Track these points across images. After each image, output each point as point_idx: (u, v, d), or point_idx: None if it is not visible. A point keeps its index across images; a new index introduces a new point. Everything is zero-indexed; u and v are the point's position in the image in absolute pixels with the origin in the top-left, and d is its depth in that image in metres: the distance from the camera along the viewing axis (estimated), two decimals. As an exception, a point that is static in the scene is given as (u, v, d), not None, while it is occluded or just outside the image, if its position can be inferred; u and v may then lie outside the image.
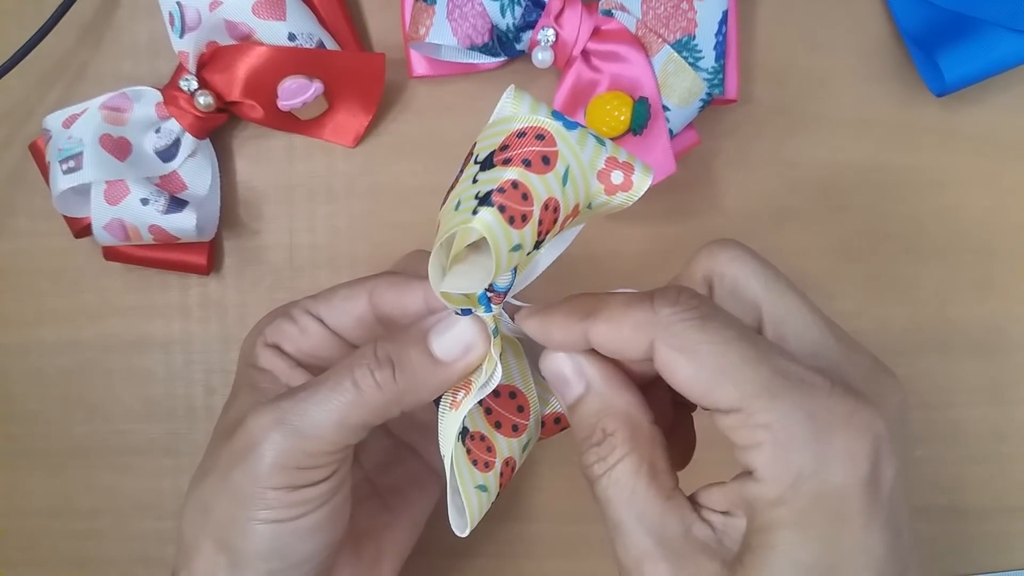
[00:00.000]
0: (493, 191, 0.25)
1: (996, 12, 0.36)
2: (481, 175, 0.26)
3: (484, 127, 0.27)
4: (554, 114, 0.27)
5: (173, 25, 0.36)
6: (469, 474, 0.29)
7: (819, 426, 0.24)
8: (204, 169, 0.38)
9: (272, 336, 0.33)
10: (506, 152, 0.26)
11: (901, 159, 0.40)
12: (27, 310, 0.41)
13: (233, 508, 0.29)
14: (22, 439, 0.42)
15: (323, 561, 0.31)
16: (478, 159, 0.26)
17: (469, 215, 0.25)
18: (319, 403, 0.29)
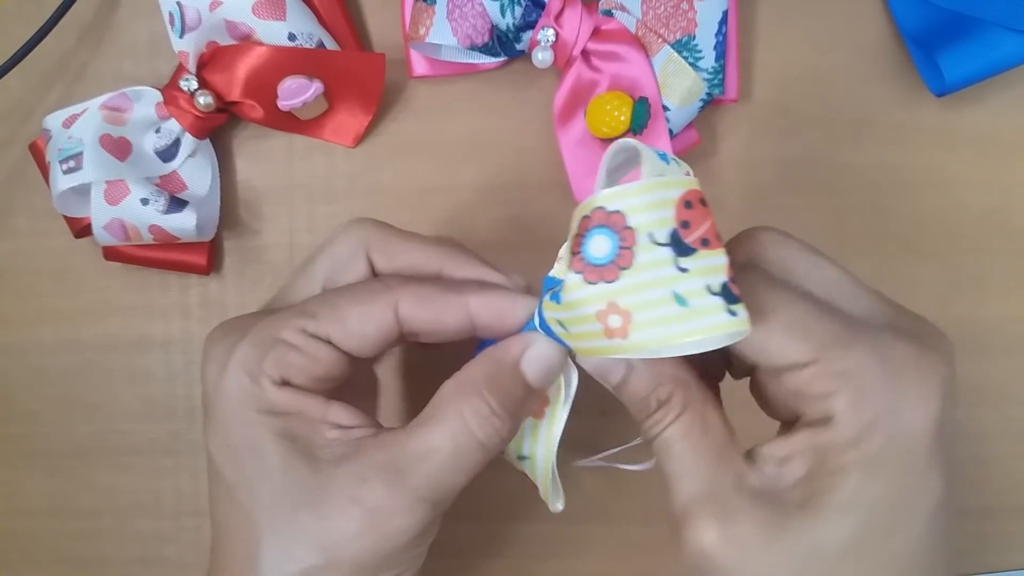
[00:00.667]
0: (727, 283, 0.24)
1: (996, 12, 0.36)
2: (687, 261, 0.23)
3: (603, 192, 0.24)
4: (661, 155, 0.25)
5: (173, 25, 0.36)
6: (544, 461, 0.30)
7: (893, 370, 0.26)
8: (204, 169, 0.38)
9: (277, 372, 0.28)
10: (693, 230, 0.24)
11: (901, 159, 0.40)
12: (27, 310, 0.41)
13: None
14: (22, 439, 0.42)
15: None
16: (657, 239, 0.23)
17: (723, 313, 0.23)
18: (449, 470, 0.27)
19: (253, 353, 0.28)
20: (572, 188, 0.38)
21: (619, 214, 0.23)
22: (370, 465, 0.27)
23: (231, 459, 0.28)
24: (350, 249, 0.31)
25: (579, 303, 0.25)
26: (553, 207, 0.40)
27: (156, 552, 0.42)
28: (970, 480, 0.41)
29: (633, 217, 0.23)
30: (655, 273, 0.23)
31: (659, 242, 0.23)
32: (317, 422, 0.28)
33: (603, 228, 0.24)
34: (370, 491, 0.27)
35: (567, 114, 0.37)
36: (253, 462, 0.28)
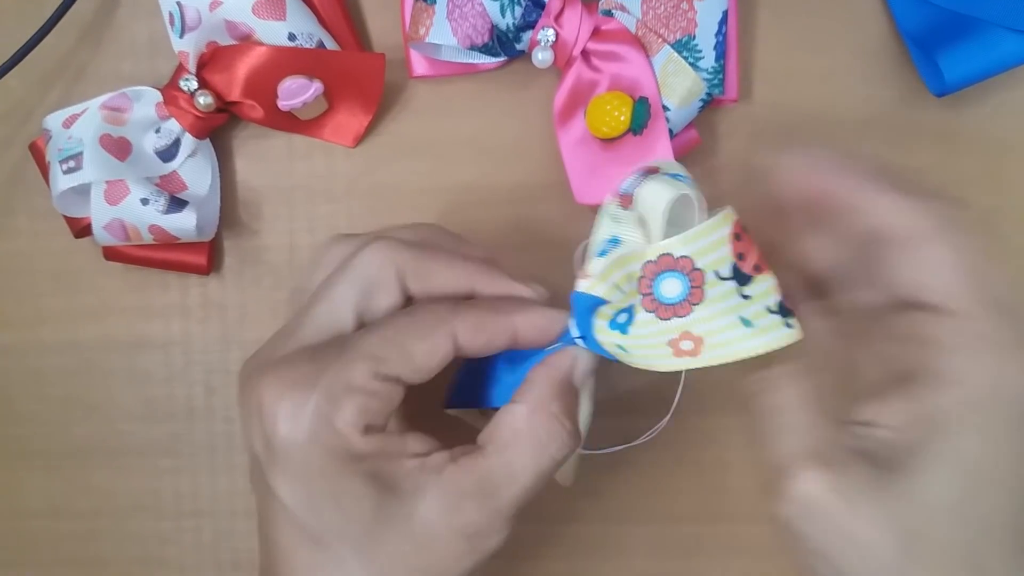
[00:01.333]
0: (782, 301, 0.27)
1: (996, 12, 0.36)
2: (748, 289, 0.27)
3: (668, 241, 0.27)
4: (680, 176, 0.28)
5: (173, 25, 0.36)
6: None
7: (1009, 340, 0.27)
8: (204, 169, 0.38)
9: (361, 421, 0.28)
10: (748, 260, 0.27)
11: (901, 159, 0.40)
12: (27, 310, 0.41)
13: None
14: (21, 439, 0.42)
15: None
16: (721, 274, 0.27)
17: (782, 328, 0.27)
18: (532, 490, 0.29)
19: (332, 407, 0.28)
20: (572, 188, 0.38)
21: (687, 258, 0.27)
22: (459, 493, 0.28)
23: (315, 509, 0.28)
24: (380, 274, 0.30)
25: (651, 335, 0.28)
26: (553, 207, 0.40)
27: (155, 553, 0.42)
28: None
29: (700, 260, 0.27)
30: (723, 304, 0.27)
31: (723, 277, 0.27)
32: (397, 456, 0.29)
33: (673, 272, 0.27)
34: (465, 517, 0.28)
35: (567, 114, 0.37)
36: (342, 509, 0.28)
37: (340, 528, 0.28)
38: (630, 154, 0.37)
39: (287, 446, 0.28)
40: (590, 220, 0.39)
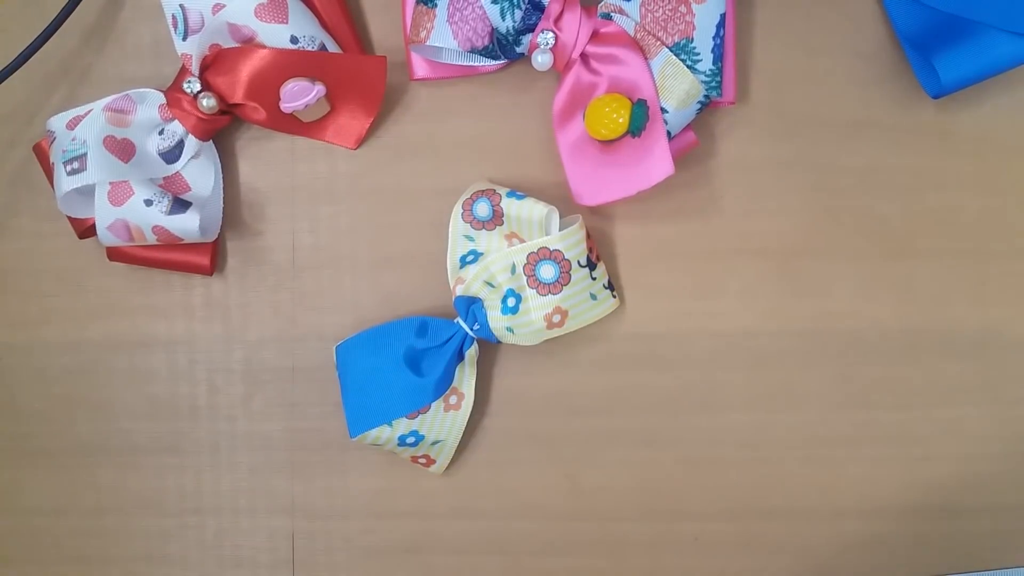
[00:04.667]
0: (608, 279, 0.39)
1: (991, 15, 0.36)
2: (594, 272, 0.38)
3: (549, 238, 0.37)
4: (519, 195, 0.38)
5: (176, 28, 0.36)
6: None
7: None
8: (207, 170, 0.39)
9: None
10: (593, 252, 0.38)
11: (897, 160, 0.40)
12: (31, 310, 0.41)
13: None
14: (26, 438, 0.42)
15: None
16: (580, 263, 0.37)
17: (611, 299, 0.39)
18: None
19: None
20: (571, 189, 0.38)
21: (558, 251, 0.37)
22: None
23: None
24: None
25: (534, 310, 0.37)
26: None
27: (159, 550, 0.42)
28: (970, 480, 0.41)
29: (568, 252, 0.37)
30: (582, 284, 0.37)
31: (582, 265, 0.37)
32: None
33: (549, 260, 0.37)
34: None
35: (566, 116, 0.38)
36: None
37: None
38: (628, 156, 0.37)
39: None
40: (589, 221, 0.40)
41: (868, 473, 0.41)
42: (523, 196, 0.37)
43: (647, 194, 0.37)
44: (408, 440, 0.38)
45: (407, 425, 0.38)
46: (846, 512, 0.41)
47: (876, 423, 0.40)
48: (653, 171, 0.36)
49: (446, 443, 0.39)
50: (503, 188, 0.38)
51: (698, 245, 0.40)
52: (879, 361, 0.40)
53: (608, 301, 0.38)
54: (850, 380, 0.40)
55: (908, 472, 0.41)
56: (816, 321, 0.40)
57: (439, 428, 0.39)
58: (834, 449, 0.40)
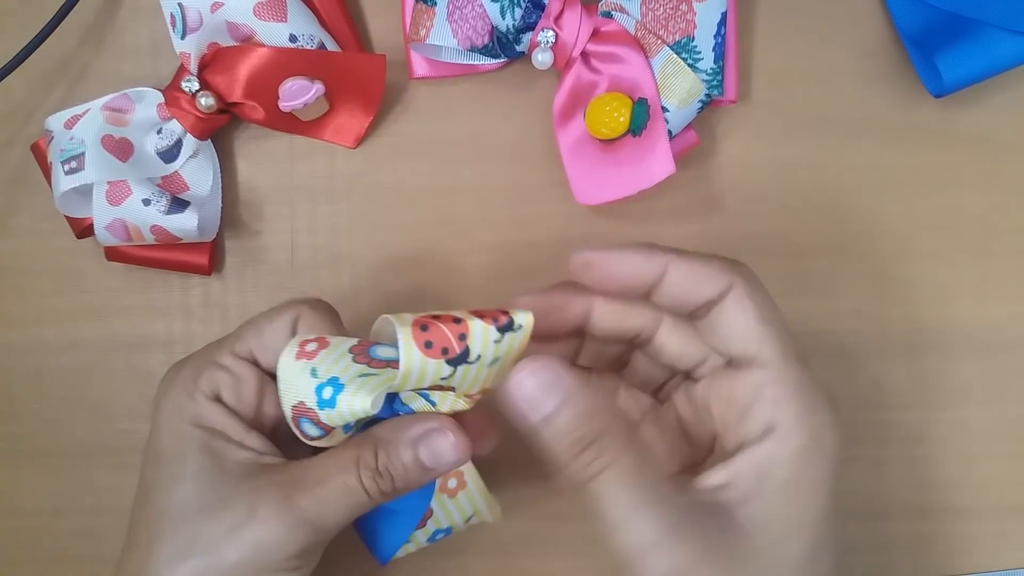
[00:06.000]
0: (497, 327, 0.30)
1: (994, 13, 0.36)
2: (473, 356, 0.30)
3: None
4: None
5: (174, 26, 0.36)
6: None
7: (818, 397, 0.29)
8: (206, 170, 0.39)
9: (210, 388, 0.33)
10: (440, 344, 0.29)
11: (899, 159, 0.40)
12: (29, 310, 0.41)
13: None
14: (24, 438, 0.42)
15: None
16: (444, 375, 0.29)
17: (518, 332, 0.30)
18: (333, 500, 0.30)
19: (191, 374, 0.33)
20: (572, 188, 0.38)
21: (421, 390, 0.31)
22: (268, 483, 0.30)
23: (155, 462, 0.32)
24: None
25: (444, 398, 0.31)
26: (553, 207, 0.40)
27: (157, 551, 0.42)
28: (970, 480, 0.41)
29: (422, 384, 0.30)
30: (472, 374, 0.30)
31: (445, 376, 0.29)
32: (235, 442, 0.32)
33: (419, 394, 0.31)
34: (263, 503, 0.30)
35: (566, 115, 0.38)
36: (173, 467, 0.31)
37: (166, 487, 0.31)
38: (629, 155, 0.37)
39: (155, 408, 0.33)
40: (589, 220, 0.40)
41: (868, 473, 0.40)
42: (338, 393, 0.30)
43: (648, 193, 0.37)
44: (438, 536, 0.35)
45: (425, 532, 0.35)
46: (846, 512, 0.41)
47: (876, 423, 0.40)
48: (654, 170, 0.36)
49: (478, 512, 0.35)
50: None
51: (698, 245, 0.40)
52: (879, 361, 0.40)
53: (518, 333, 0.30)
54: (850, 380, 0.40)
55: (908, 472, 0.41)
56: (816, 321, 0.40)
57: (459, 512, 0.35)
58: (835, 449, 0.40)
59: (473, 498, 0.34)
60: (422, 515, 0.34)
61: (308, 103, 0.37)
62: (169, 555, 0.30)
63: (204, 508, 0.30)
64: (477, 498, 0.34)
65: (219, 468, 0.31)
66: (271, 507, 0.30)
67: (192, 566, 0.30)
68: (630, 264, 0.30)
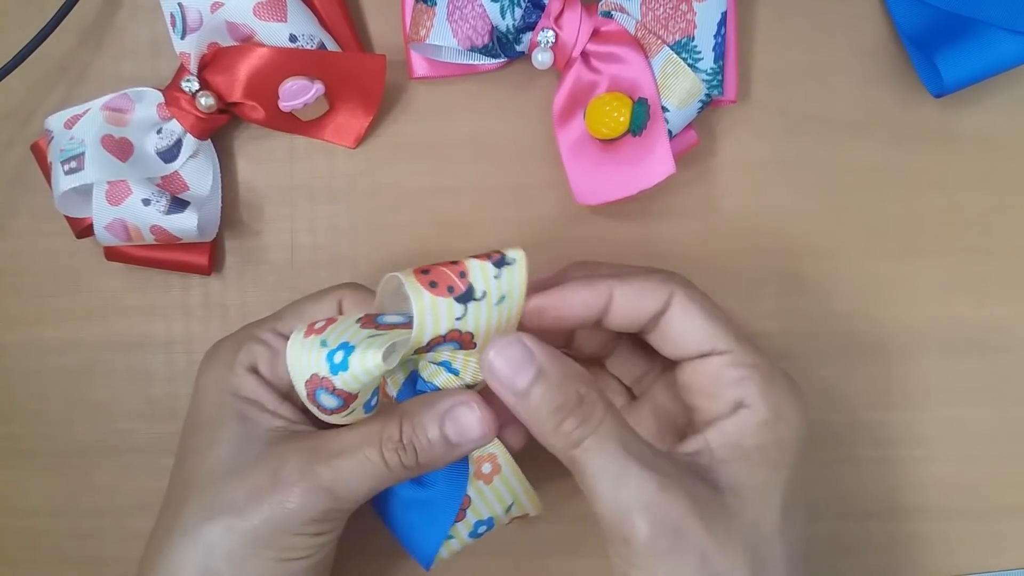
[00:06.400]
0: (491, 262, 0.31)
1: (994, 13, 0.36)
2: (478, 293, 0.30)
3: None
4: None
5: (174, 26, 0.36)
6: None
7: (776, 371, 0.32)
8: (205, 170, 0.39)
9: (247, 360, 0.34)
10: (445, 282, 0.30)
11: (899, 159, 0.40)
12: (29, 310, 0.41)
13: (250, 548, 0.31)
14: (23, 439, 0.42)
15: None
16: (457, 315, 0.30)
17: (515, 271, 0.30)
18: (353, 471, 0.31)
19: (232, 347, 0.34)
20: (572, 188, 0.38)
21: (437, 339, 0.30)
22: (292, 448, 0.31)
23: (194, 430, 0.34)
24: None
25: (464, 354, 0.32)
26: (553, 207, 0.40)
27: (157, 551, 0.42)
28: (969, 480, 0.41)
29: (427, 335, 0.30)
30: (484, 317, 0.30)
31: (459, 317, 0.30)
32: (269, 411, 0.33)
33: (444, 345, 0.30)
34: (285, 468, 0.31)
35: (566, 115, 0.38)
36: (209, 434, 0.33)
37: (200, 451, 0.33)
38: (629, 155, 0.37)
39: (197, 379, 0.34)
40: (589, 220, 0.40)
41: (868, 473, 0.40)
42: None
43: (648, 193, 0.37)
44: (481, 530, 0.35)
45: (466, 524, 0.34)
46: (846, 513, 0.41)
47: (876, 423, 0.40)
48: (654, 170, 0.36)
49: (518, 501, 0.35)
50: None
51: (698, 245, 0.40)
52: (879, 361, 0.40)
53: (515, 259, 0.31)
54: (850, 380, 0.40)
55: (908, 472, 0.41)
56: (817, 321, 0.40)
57: (498, 500, 0.34)
58: (834, 449, 0.40)
59: (511, 484, 0.34)
60: (459, 504, 0.33)
61: (308, 103, 0.37)
62: (195, 514, 0.31)
63: (232, 471, 0.31)
64: (515, 484, 0.34)
65: (251, 435, 0.32)
66: (292, 472, 0.30)
67: (217, 524, 0.31)
68: (580, 299, 0.31)
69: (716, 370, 0.31)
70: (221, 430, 0.33)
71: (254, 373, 0.34)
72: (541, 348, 0.29)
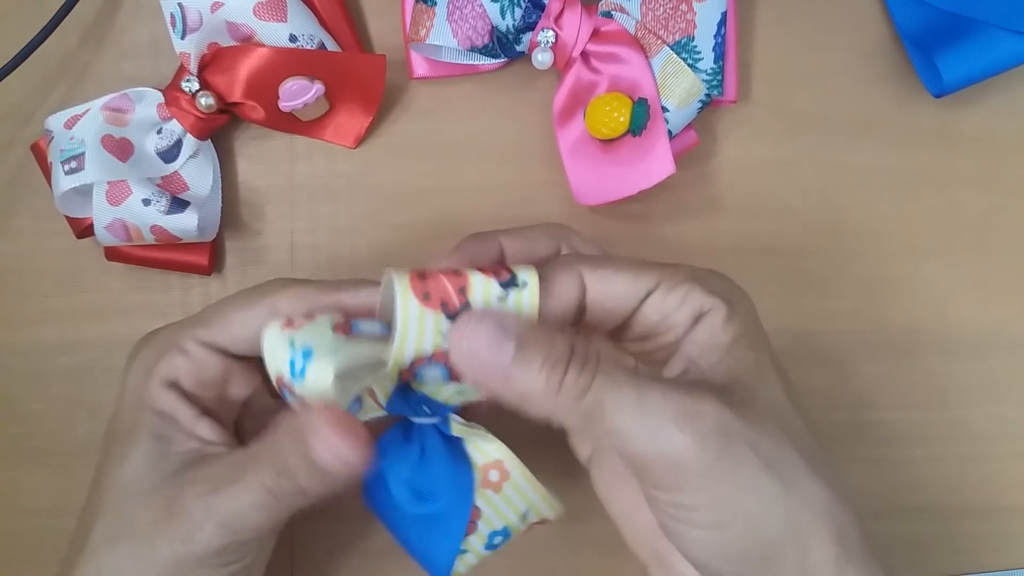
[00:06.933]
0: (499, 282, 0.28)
1: (994, 13, 0.36)
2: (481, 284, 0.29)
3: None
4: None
5: (174, 26, 0.36)
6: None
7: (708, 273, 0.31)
8: (205, 170, 0.39)
9: (167, 373, 0.32)
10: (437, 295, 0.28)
11: (899, 159, 0.40)
12: (29, 310, 0.41)
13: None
14: (24, 438, 0.42)
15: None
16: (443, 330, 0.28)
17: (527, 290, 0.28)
18: (245, 504, 0.29)
19: (153, 355, 0.32)
20: (572, 188, 0.38)
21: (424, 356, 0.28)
22: (193, 478, 0.30)
23: (112, 437, 0.32)
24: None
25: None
26: (553, 207, 0.40)
27: (158, 551, 0.42)
28: (970, 480, 0.41)
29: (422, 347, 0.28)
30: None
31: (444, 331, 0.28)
32: (184, 431, 0.32)
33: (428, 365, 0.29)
34: (181, 500, 0.29)
35: (567, 115, 0.38)
36: (123, 445, 0.31)
37: (112, 466, 0.31)
38: (629, 155, 0.37)
39: (120, 385, 0.33)
40: (589, 220, 0.40)
41: (868, 473, 0.40)
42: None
43: (648, 193, 0.37)
44: (496, 541, 0.33)
45: (479, 537, 0.32)
46: (847, 513, 0.41)
47: (876, 423, 0.40)
48: (654, 170, 0.36)
49: (533, 506, 0.33)
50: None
51: (698, 245, 0.40)
52: (879, 361, 0.40)
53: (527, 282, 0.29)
54: (850, 380, 0.40)
55: (908, 472, 0.41)
56: (817, 321, 0.40)
57: (510, 508, 0.32)
58: (834, 449, 0.40)
59: (522, 489, 0.32)
60: (467, 516, 0.32)
61: (308, 103, 0.37)
62: (102, 536, 0.30)
63: (139, 492, 0.30)
64: (527, 489, 0.32)
65: (162, 455, 0.31)
66: (188, 504, 0.29)
67: (122, 550, 0.30)
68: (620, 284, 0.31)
69: (660, 305, 0.30)
70: (134, 445, 0.31)
71: (173, 387, 0.32)
72: (508, 318, 0.27)
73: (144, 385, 0.32)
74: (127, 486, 0.30)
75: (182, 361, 0.32)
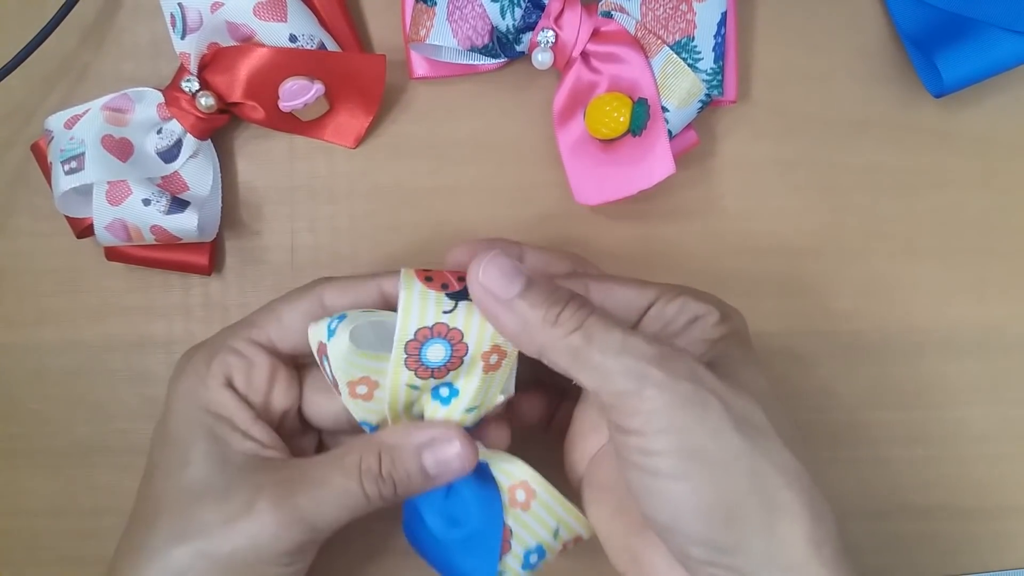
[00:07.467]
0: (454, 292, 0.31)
1: (994, 13, 0.36)
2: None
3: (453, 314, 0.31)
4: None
5: (174, 26, 0.36)
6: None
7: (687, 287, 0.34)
8: (206, 170, 0.39)
9: (223, 372, 0.33)
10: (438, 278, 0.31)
11: (899, 160, 0.40)
12: (29, 310, 0.41)
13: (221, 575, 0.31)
14: (24, 439, 0.42)
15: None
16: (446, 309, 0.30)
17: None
18: (332, 502, 0.31)
19: (205, 358, 0.33)
20: (572, 188, 0.38)
21: (457, 330, 0.30)
22: (269, 479, 0.31)
23: (163, 444, 0.33)
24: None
25: (465, 375, 0.32)
26: (553, 207, 0.40)
27: (157, 551, 0.42)
28: (970, 480, 0.41)
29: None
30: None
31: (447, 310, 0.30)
32: (240, 431, 0.32)
33: (433, 340, 0.30)
34: (262, 498, 0.30)
35: (567, 115, 0.38)
36: (180, 450, 0.32)
37: (168, 469, 0.32)
38: (629, 155, 0.37)
39: (169, 390, 0.33)
40: (589, 220, 0.40)
41: (868, 473, 0.40)
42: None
43: (648, 193, 0.37)
44: (532, 560, 0.33)
45: (515, 557, 0.33)
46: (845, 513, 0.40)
47: (876, 423, 0.40)
48: (654, 170, 0.36)
49: (563, 523, 0.33)
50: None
51: (698, 245, 0.40)
52: (879, 361, 0.40)
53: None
54: (850, 380, 0.40)
55: (908, 472, 0.41)
56: (817, 321, 0.40)
57: (541, 525, 0.33)
58: (834, 449, 0.40)
59: (550, 507, 0.33)
60: (499, 536, 0.33)
61: (308, 103, 0.37)
62: (167, 536, 0.31)
63: (205, 494, 0.31)
64: (555, 506, 0.33)
65: (223, 456, 0.32)
66: (269, 504, 0.30)
67: (188, 549, 0.30)
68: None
69: (659, 315, 0.32)
70: (192, 448, 0.32)
71: (228, 387, 0.33)
72: (521, 265, 0.30)
73: (199, 387, 0.33)
74: (190, 488, 0.31)
75: (235, 360, 0.33)
